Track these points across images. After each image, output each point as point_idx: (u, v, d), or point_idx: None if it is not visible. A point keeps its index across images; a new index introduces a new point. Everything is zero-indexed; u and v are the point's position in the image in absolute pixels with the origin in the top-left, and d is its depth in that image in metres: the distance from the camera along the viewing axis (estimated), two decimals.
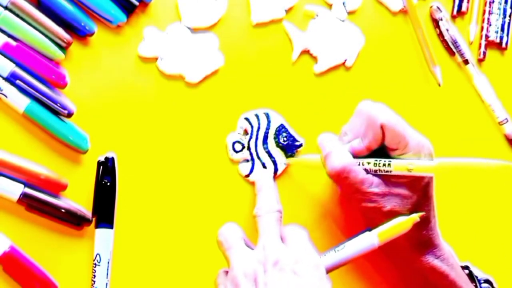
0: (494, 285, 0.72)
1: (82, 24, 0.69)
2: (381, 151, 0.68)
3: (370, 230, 0.64)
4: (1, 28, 0.67)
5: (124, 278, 0.69)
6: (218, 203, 0.72)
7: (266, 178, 0.72)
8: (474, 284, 0.71)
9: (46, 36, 0.68)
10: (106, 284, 0.68)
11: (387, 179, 0.67)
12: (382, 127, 0.67)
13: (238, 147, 0.73)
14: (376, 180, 0.67)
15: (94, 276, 0.68)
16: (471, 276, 0.71)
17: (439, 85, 0.79)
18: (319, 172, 0.70)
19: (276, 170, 0.73)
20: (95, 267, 0.68)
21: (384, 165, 0.67)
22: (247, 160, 0.73)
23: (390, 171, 0.66)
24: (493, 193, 0.80)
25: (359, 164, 0.67)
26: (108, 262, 0.68)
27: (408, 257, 0.68)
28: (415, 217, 0.63)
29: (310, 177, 0.74)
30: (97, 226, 0.69)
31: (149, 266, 0.70)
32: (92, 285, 0.68)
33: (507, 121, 0.81)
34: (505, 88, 0.82)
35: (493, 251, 0.79)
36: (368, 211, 0.67)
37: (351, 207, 0.69)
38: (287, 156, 0.74)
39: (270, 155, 0.73)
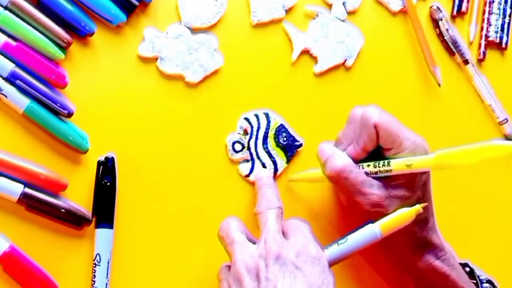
0: (496, 285, 0.72)
1: (82, 24, 0.69)
2: (378, 155, 0.68)
3: (372, 222, 0.64)
4: (1, 28, 0.67)
5: (124, 278, 0.69)
6: (218, 203, 0.72)
7: (266, 177, 0.72)
8: (474, 282, 0.71)
9: (46, 36, 0.68)
10: (106, 284, 0.68)
11: (386, 182, 0.67)
12: (375, 127, 0.67)
13: (238, 147, 0.73)
14: (376, 182, 0.67)
15: (94, 276, 0.68)
16: (471, 274, 0.71)
17: (439, 85, 0.79)
18: (322, 185, 0.70)
19: (276, 170, 0.74)
20: (95, 267, 0.68)
21: (383, 165, 0.67)
22: (247, 160, 0.73)
23: (391, 171, 0.66)
24: (492, 191, 0.80)
25: (359, 168, 0.67)
26: (108, 262, 0.68)
27: (408, 257, 0.68)
28: (418, 207, 0.63)
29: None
30: (97, 226, 0.69)
31: (149, 266, 0.70)
32: (92, 285, 0.68)
33: (507, 121, 0.81)
34: (505, 88, 0.82)
35: (493, 249, 0.79)
36: (371, 215, 0.66)
37: (354, 214, 0.69)
38: (287, 156, 0.74)
39: (270, 155, 0.73)
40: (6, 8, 0.68)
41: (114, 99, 0.71)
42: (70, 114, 0.68)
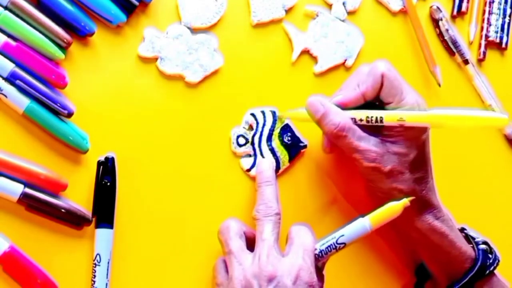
0: (492, 246, 0.72)
1: (82, 24, 0.69)
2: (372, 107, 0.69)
3: (363, 216, 0.65)
4: (1, 28, 0.67)
5: (124, 278, 0.69)
6: (218, 200, 0.72)
7: (266, 170, 0.71)
8: (471, 245, 0.72)
9: (46, 36, 0.68)
10: (106, 284, 0.68)
11: (383, 138, 0.68)
12: (382, 76, 0.68)
13: (242, 141, 0.73)
14: (373, 138, 0.68)
15: (94, 276, 0.68)
16: (467, 238, 0.72)
17: (439, 85, 0.79)
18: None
19: (278, 168, 0.74)
20: (95, 267, 0.68)
21: (376, 120, 0.68)
22: (249, 155, 0.73)
23: (382, 120, 0.68)
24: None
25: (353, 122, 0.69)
26: (108, 262, 0.68)
27: (408, 217, 0.69)
28: (406, 201, 0.65)
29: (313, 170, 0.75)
30: (97, 226, 0.69)
31: (149, 266, 0.70)
32: (92, 285, 0.68)
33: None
34: (505, 88, 0.82)
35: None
36: (370, 173, 0.68)
37: (353, 170, 0.70)
38: (290, 156, 0.74)
39: (273, 152, 0.74)
40: (6, 8, 0.67)
41: (114, 99, 0.71)
42: (70, 114, 0.68)
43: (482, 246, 0.72)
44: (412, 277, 0.75)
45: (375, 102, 0.70)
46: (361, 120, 0.69)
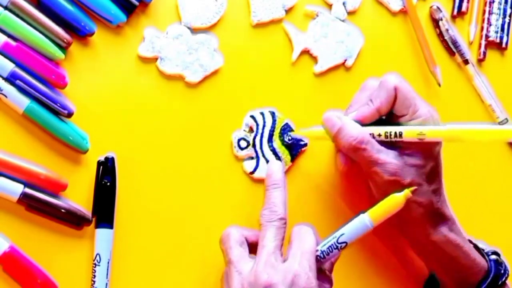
0: (502, 256, 0.72)
1: (82, 24, 0.69)
2: (388, 123, 0.69)
3: (363, 212, 0.64)
4: (1, 28, 0.67)
5: (124, 278, 0.69)
6: (222, 201, 0.72)
7: (276, 173, 0.69)
8: (482, 256, 0.71)
9: (46, 36, 0.68)
10: (106, 284, 0.68)
11: (400, 151, 0.68)
12: (395, 89, 0.68)
13: (243, 144, 0.73)
14: (392, 152, 0.68)
15: (94, 276, 0.68)
16: (477, 249, 0.72)
17: (439, 85, 0.79)
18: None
19: None
20: (95, 267, 0.68)
21: (395, 135, 0.67)
22: (252, 158, 0.73)
23: (401, 136, 0.67)
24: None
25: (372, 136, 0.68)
26: (108, 262, 0.68)
27: (423, 230, 0.69)
28: (408, 192, 0.63)
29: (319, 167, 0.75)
30: (97, 226, 0.69)
31: (149, 266, 0.70)
32: (92, 285, 0.68)
33: (507, 121, 0.81)
34: (505, 88, 0.82)
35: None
36: (389, 187, 0.66)
37: (372, 185, 0.69)
38: (291, 155, 0.74)
39: (275, 153, 0.74)
40: (6, 8, 0.67)
41: (114, 99, 0.71)
42: (70, 114, 0.68)
43: (493, 257, 0.71)
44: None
45: (385, 116, 0.70)
46: (379, 135, 0.68)
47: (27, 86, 0.67)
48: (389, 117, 0.70)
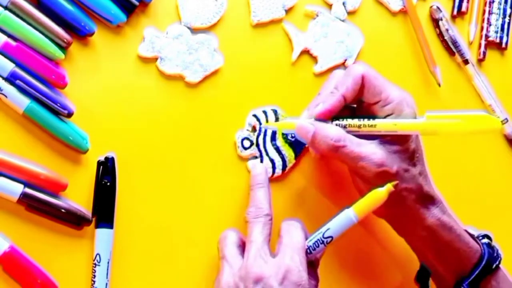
0: (492, 239, 0.72)
1: (82, 24, 0.69)
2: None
3: (348, 207, 0.64)
4: (1, 28, 0.67)
5: (124, 278, 0.69)
6: (225, 200, 0.72)
7: (259, 174, 0.70)
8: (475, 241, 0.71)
9: (46, 36, 0.68)
10: (106, 284, 0.68)
11: (381, 139, 0.67)
12: (362, 78, 0.67)
13: (246, 143, 0.73)
14: (372, 143, 0.67)
15: (94, 276, 0.68)
16: (468, 233, 0.72)
17: (439, 85, 0.79)
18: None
19: (284, 166, 0.73)
20: (95, 267, 0.68)
21: (370, 125, 0.67)
22: (256, 157, 0.73)
23: (375, 126, 0.67)
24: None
25: (344, 128, 0.67)
26: (108, 262, 0.68)
27: (418, 217, 0.68)
28: (390, 186, 0.64)
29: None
30: (97, 226, 0.69)
31: (149, 266, 0.70)
32: (92, 285, 0.68)
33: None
34: (505, 88, 0.82)
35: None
36: (378, 179, 0.66)
37: (361, 181, 0.69)
38: (295, 153, 0.74)
39: (279, 151, 0.74)
40: (6, 8, 0.68)
41: (114, 99, 0.71)
42: (70, 114, 0.68)
43: (485, 241, 0.72)
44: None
45: (354, 105, 0.70)
46: (354, 126, 0.67)
47: (27, 86, 0.67)
48: (363, 108, 0.70)
